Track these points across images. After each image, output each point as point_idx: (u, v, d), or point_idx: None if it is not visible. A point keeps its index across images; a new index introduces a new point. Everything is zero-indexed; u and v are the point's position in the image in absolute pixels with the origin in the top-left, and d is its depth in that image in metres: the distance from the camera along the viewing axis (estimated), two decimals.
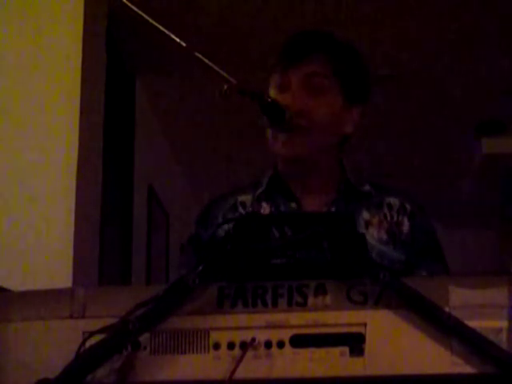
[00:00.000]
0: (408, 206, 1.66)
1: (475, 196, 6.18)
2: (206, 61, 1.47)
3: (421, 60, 4.41)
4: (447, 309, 0.99)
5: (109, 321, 1.01)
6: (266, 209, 1.65)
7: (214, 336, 1.02)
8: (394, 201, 1.66)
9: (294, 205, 1.65)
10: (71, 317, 1.05)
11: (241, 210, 1.67)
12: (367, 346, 0.99)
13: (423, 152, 5.60)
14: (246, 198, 1.69)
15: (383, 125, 5.13)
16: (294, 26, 3.94)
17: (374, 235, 1.60)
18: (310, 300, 1.02)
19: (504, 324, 0.99)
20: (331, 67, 1.63)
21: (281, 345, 1.00)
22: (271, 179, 1.69)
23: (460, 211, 6.39)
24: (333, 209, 1.63)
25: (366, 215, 1.62)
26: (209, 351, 1.01)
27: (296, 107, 1.57)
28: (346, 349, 0.99)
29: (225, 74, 1.48)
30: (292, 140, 1.59)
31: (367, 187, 1.68)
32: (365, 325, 1.00)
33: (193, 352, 1.02)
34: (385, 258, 1.58)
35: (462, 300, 1.00)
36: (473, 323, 0.98)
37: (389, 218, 1.63)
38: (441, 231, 1.73)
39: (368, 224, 1.61)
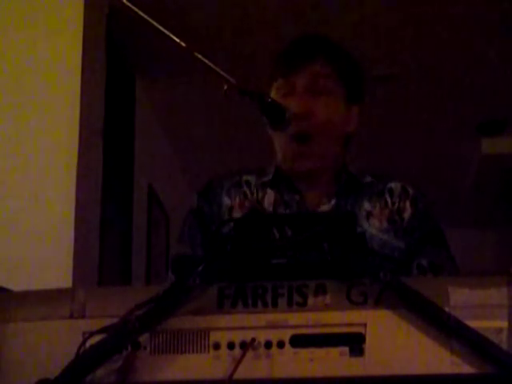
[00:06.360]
0: (410, 190, 1.68)
1: (475, 196, 6.17)
2: (206, 61, 1.47)
3: (421, 60, 4.41)
4: (447, 309, 0.99)
5: (109, 321, 1.01)
6: (270, 194, 1.68)
7: (214, 336, 1.02)
8: (396, 185, 1.68)
9: (297, 197, 1.67)
10: (71, 317, 1.05)
11: (245, 188, 1.70)
12: (367, 346, 0.99)
13: (423, 152, 5.60)
14: (251, 178, 1.72)
15: (383, 125, 5.13)
16: (292, 25, 3.95)
17: (375, 225, 1.62)
18: (310, 300, 1.02)
19: (504, 324, 0.99)
20: (333, 68, 1.67)
21: (281, 345, 1.00)
22: (276, 171, 1.71)
23: (460, 211, 6.38)
24: (333, 201, 1.66)
25: (367, 206, 1.65)
26: (209, 351, 1.01)
27: (300, 109, 1.60)
28: (346, 349, 1.00)
29: (225, 74, 1.48)
30: (303, 155, 1.63)
31: (368, 178, 1.70)
32: (365, 325, 1.00)
33: (193, 352, 1.02)
34: (386, 247, 1.60)
35: (462, 300, 1.00)
36: (473, 323, 0.98)
37: (390, 205, 1.65)
38: None
39: (369, 215, 1.64)
